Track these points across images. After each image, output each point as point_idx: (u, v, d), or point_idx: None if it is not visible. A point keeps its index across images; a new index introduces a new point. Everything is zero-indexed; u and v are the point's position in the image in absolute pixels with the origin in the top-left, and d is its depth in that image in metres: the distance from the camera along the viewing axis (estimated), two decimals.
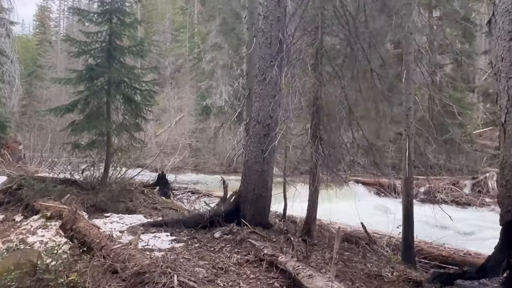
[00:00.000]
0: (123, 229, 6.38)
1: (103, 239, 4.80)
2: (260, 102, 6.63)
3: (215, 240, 5.83)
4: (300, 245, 5.84)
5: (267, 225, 6.83)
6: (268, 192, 6.74)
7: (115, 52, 9.93)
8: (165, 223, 6.65)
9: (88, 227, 5.41)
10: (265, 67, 6.62)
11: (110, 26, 9.91)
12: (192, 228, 6.58)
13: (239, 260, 4.95)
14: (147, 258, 4.11)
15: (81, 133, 9.81)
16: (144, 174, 12.89)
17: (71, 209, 6.09)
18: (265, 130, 6.60)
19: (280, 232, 6.60)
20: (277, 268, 4.37)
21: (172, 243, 5.76)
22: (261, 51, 6.70)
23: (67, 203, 6.85)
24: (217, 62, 30.65)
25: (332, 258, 5.22)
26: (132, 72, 9.85)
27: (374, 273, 4.84)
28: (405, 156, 5.66)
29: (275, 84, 6.42)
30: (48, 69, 37.90)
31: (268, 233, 6.40)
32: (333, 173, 5.91)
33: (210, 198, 12.58)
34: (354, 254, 5.87)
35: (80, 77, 9.61)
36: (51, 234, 5.59)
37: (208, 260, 4.77)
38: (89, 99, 9.71)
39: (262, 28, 6.73)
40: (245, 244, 5.63)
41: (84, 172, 10.01)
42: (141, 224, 6.64)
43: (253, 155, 6.64)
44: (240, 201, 6.76)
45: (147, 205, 8.65)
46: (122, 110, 10.25)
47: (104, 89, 9.88)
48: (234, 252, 5.34)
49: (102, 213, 7.97)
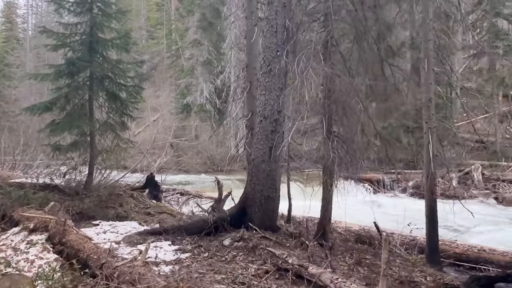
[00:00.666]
0: (119, 239, 5.71)
1: (102, 255, 4.15)
2: (266, 96, 6.09)
3: (224, 248, 5.27)
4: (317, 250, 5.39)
5: (275, 228, 6.33)
6: (276, 193, 6.23)
7: (97, 45, 9.14)
8: (164, 231, 6.02)
9: (81, 240, 4.73)
10: (271, 57, 6.08)
11: (91, 16, 9.12)
12: (195, 235, 5.99)
13: (258, 272, 4.43)
14: (160, 277, 3.51)
15: (62, 133, 8.98)
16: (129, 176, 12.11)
17: (59, 219, 5.37)
18: (273, 126, 6.07)
19: (290, 236, 6.12)
20: (308, 282, 3.87)
21: (177, 253, 5.15)
22: (266, 40, 6.16)
23: (52, 212, 6.09)
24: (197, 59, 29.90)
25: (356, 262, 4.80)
26: (117, 66, 9.08)
27: (406, 279, 4.43)
28: (427, 150, 5.29)
29: (284, 76, 5.91)
30: (17, 68, 35.87)
31: (278, 237, 5.89)
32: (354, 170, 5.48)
33: (201, 200, 11.97)
34: (375, 257, 5.45)
35: (59, 72, 8.77)
36: (38, 250, 4.86)
37: (225, 274, 4.21)
38: (70, 96, 8.90)
39: (267, 15, 6.19)
40: (259, 252, 5.11)
41: (66, 176, 9.18)
42: (137, 233, 5.98)
43: (259, 153, 6.10)
44: (247, 203, 6.21)
45: (139, 210, 7.96)
46: (106, 107, 9.48)
47: (86, 85, 9.09)
48: (249, 262, 4.81)
49: (89, 221, 7.24)
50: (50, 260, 4.50)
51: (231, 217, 6.17)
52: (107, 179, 9.84)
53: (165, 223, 6.96)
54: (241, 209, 6.27)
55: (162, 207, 8.58)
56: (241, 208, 6.27)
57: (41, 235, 5.29)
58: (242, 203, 6.31)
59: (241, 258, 4.96)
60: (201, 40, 30.31)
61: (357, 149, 5.38)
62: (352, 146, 5.40)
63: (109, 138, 9.49)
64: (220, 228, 6.04)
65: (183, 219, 7.21)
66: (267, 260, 4.83)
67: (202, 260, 4.83)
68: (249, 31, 7.22)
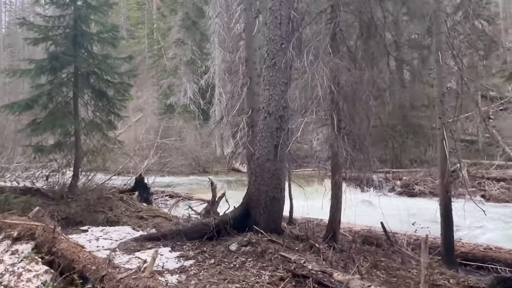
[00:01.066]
0: (113, 246, 5.24)
1: (101, 265, 3.70)
2: (271, 91, 5.76)
3: (231, 253, 4.89)
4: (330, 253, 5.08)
5: (279, 231, 6.00)
6: (281, 193, 5.91)
7: (82, 39, 8.58)
8: (162, 236, 5.59)
9: (74, 248, 4.25)
10: (275, 50, 5.76)
11: (75, 8, 8.55)
12: (196, 240, 5.59)
13: (272, 279, 4.08)
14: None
15: (44, 133, 8.37)
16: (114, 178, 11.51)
17: (46, 226, 4.86)
18: (278, 123, 5.75)
19: (296, 238, 5.80)
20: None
21: (180, 260, 4.75)
22: (270, 32, 5.83)
23: (38, 218, 5.54)
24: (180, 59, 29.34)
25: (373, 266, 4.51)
26: (105, 62, 8.54)
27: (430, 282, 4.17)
28: (441, 147, 5.08)
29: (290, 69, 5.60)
30: None
31: (285, 240, 5.56)
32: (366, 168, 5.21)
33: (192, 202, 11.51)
34: (388, 259, 5.20)
35: (41, 68, 8.17)
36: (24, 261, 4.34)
37: (238, 283, 3.85)
38: (53, 93, 8.31)
39: (270, 6, 5.86)
40: (268, 257, 4.77)
41: (49, 179, 8.56)
42: (133, 239, 5.52)
43: (264, 152, 5.76)
44: (250, 205, 5.85)
45: (131, 214, 7.47)
46: (92, 106, 8.92)
47: (70, 81, 8.52)
48: (260, 268, 4.45)
49: (77, 227, 6.74)
50: (39, 272, 4.01)
51: (234, 220, 5.81)
52: (92, 181, 9.27)
53: (161, 227, 6.51)
54: (244, 211, 5.91)
55: (154, 211, 8.10)
56: (245, 210, 5.90)
57: (27, 244, 4.75)
58: (245, 205, 5.95)
59: (250, 264, 4.59)
60: (185, 39, 29.82)
61: (369, 146, 5.11)
62: (364, 143, 5.13)
63: (95, 138, 8.94)
64: (223, 232, 5.66)
65: (181, 223, 6.77)
66: (278, 266, 4.50)
67: (209, 268, 4.44)
68: (248, 24, 6.88)
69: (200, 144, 25.45)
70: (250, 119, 6.76)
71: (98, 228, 6.46)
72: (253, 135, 6.56)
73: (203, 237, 5.58)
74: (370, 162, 5.18)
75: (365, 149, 5.18)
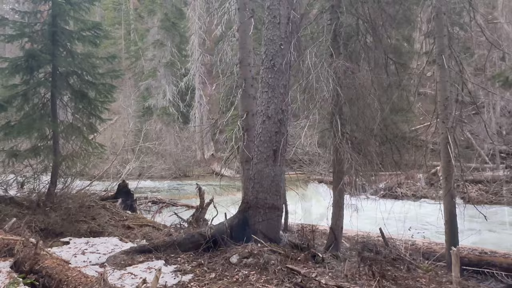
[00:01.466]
0: (102, 260, 4.81)
1: (94, 286, 3.30)
2: (270, 93, 5.49)
3: (232, 266, 4.57)
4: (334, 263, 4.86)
5: (277, 240, 5.73)
6: (281, 200, 5.65)
7: (61, 37, 8.03)
8: (155, 248, 5.19)
9: (60, 266, 3.81)
10: (274, 51, 5.51)
11: (53, 4, 8.00)
12: (191, 251, 5.24)
13: None
14: None
15: (18, 137, 7.76)
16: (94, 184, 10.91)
17: (26, 240, 4.38)
18: (277, 127, 5.49)
19: (295, 247, 5.54)
20: None
21: (177, 275, 4.38)
22: (268, 32, 5.58)
23: (14, 231, 5.03)
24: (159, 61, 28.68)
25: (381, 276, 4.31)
26: (86, 61, 8.03)
27: None
28: (445, 151, 4.97)
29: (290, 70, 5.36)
30: None
31: (285, 250, 5.29)
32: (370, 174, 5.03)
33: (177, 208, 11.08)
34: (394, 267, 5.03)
35: (16, 67, 7.56)
36: (2, 281, 3.86)
37: None
38: (29, 94, 7.71)
39: (268, 4, 5.61)
40: (271, 269, 4.48)
41: (24, 186, 7.94)
42: (123, 252, 5.09)
43: (263, 157, 5.48)
44: (248, 213, 5.55)
45: (116, 223, 6.99)
46: (72, 108, 8.36)
47: (48, 81, 7.95)
48: (264, 282, 4.16)
49: (57, 238, 6.23)
50: None
51: (231, 229, 5.48)
52: (70, 188, 8.70)
53: (151, 237, 6.10)
54: (241, 219, 5.59)
55: (141, 219, 7.64)
56: (242, 219, 5.59)
57: (4, 261, 4.27)
58: (243, 213, 5.64)
59: (254, 277, 4.29)
60: (164, 41, 29.21)
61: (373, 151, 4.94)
62: (368, 148, 4.95)
63: (75, 142, 8.38)
64: (220, 242, 5.33)
65: (172, 232, 6.37)
66: (284, 279, 4.22)
67: (210, 283, 4.11)
68: (242, 24, 6.60)
69: (180, 148, 24.91)
70: (245, 122, 6.47)
71: (81, 239, 5.98)
72: (248, 139, 6.28)
73: (198, 248, 5.24)
74: (375, 168, 5.01)
75: (369, 154, 5.00)
